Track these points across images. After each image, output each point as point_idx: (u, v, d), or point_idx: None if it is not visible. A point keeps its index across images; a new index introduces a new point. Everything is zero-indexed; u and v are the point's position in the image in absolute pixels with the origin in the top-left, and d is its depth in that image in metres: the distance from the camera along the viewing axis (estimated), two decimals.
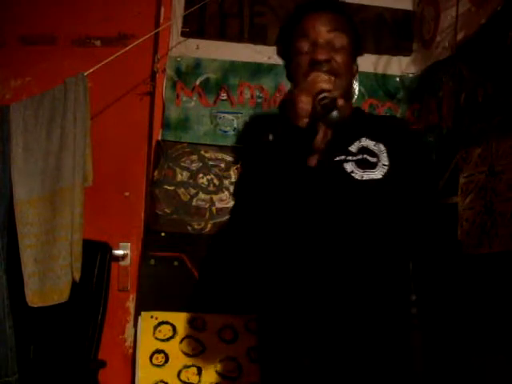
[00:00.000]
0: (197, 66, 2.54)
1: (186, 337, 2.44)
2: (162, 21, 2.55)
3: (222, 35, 2.58)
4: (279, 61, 2.54)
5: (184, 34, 2.55)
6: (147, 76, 2.63)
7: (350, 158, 1.59)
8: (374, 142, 1.63)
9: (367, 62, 2.59)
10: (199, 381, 2.42)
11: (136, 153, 2.62)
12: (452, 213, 2.07)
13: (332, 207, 1.55)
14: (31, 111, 2.32)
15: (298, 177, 1.49)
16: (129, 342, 2.58)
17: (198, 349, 2.44)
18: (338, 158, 1.59)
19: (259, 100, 2.56)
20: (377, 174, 1.58)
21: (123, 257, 2.58)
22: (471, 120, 2.01)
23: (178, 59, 2.53)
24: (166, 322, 2.45)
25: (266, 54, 2.57)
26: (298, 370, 1.56)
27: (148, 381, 2.43)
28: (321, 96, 1.43)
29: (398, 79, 2.59)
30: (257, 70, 2.56)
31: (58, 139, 2.28)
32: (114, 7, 2.65)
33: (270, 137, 1.58)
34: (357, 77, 1.73)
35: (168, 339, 2.45)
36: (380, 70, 2.60)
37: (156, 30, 2.50)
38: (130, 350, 2.55)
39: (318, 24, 1.62)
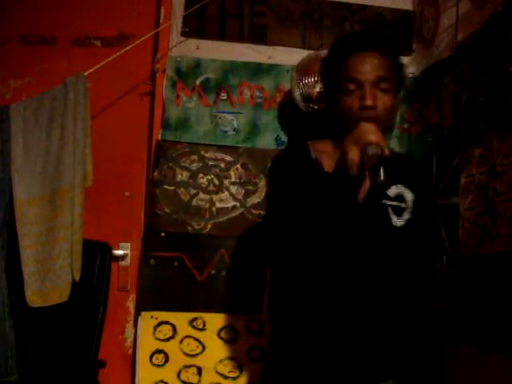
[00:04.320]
0: (197, 66, 2.54)
1: (186, 337, 2.44)
2: (161, 21, 2.55)
3: (222, 35, 2.58)
4: (279, 61, 2.57)
5: (184, 34, 2.55)
6: (147, 76, 2.63)
7: (389, 202, 1.64)
8: (404, 188, 1.68)
9: None
10: (199, 381, 2.43)
11: (136, 153, 2.62)
12: (452, 213, 2.08)
13: (369, 246, 1.60)
14: (31, 111, 2.32)
15: (346, 209, 1.52)
16: (129, 342, 2.58)
17: (198, 349, 2.44)
18: (383, 201, 1.64)
19: (259, 100, 2.56)
20: (402, 221, 1.64)
21: (123, 257, 2.58)
22: (472, 120, 2.01)
23: (178, 59, 2.53)
24: (166, 322, 2.45)
25: (266, 54, 2.57)
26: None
27: (148, 381, 2.43)
28: (369, 149, 1.44)
29: None
30: (257, 70, 2.56)
31: (58, 139, 2.28)
32: (113, 7, 2.65)
33: (313, 156, 1.63)
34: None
35: (168, 339, 2.45)
36: None
37: (156, 30, 2.50)
38: (130, 350, 2.56)
39: (368, 63, 1.57)
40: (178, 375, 2.43)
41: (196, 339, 2.44)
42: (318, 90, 2.30)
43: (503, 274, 1.77)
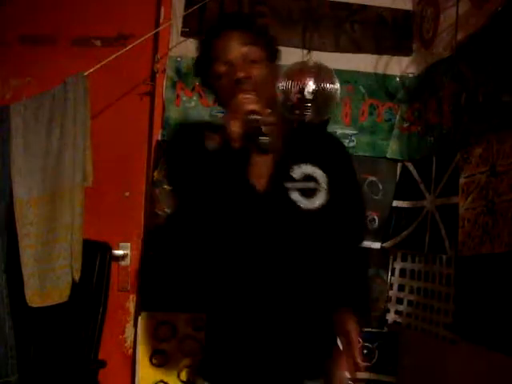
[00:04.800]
0: None
1: (186, 337, 2.44)
2: (161, 21, 2.55)
3: None
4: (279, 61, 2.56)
5: (184, 34, 2.55)
6: (147, 76, 2.63)
7: (293, 184, 1.61)
8: (312, 167, 1.65)
9: (367, 62, 2.59)
10: None
11: (136, 153, 2.61)
12: (452, 213, 2.08)
13: (276, 235, 1.59)
14: (31, 111, 2.32)
15: (246, 201, 1.55)
16: (129, 342, 2.58)
17: (198, 349, 2.44)
18: (286, 186, 1.60)
19: None
20: (317, 201, 1.61)
21: (123, 257, 2.58)
22: (472, 120, 2.01)
23: (178, 59, 2.52)
24: (166, 322, 2.45)
25: None
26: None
27: (148, 381, 2.43)
28: (250, 118, 1.45)
29: (398, 79, 2.59)
30: None
31: (58, 139, 2.29)
32: (114, 7, 2.65)
33: (211, 146, 1.57)
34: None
35: (168, 339, 2.45)
36: (380, 70, 2.60)
37: (156, 30, 2.49)
38: (130, 350, 2.56)
39: (229, 42, 1.60)
40: (178, 375, 2.44)
41: (196, 339, 2.44)
42: (297, 97, 2.32)
43: (504, 275, 1.78)
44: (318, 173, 1.64)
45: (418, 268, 2.38)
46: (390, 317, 2.52)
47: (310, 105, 2.36)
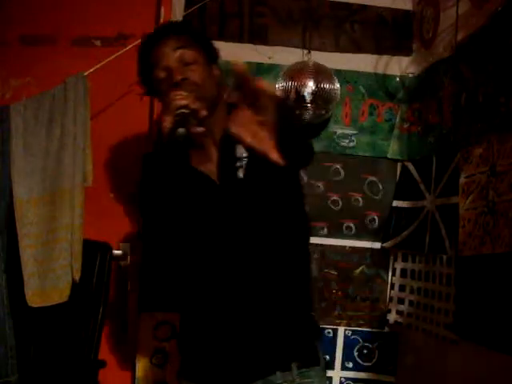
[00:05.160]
0: None
1: None
2: (161, 21, 2.54)
3: (222, 35, 2.58)
4: (279, 61, 2.57)
5: None
6: None
7: (239, 164, 1.66)
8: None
9: (367, 62, 2.60)
10: None
11: (136, 153, 2.61)
12: (453, 213, 2.08)
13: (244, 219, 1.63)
14: (31, 111, 2.32)
15: (206, 192, 1.62)
16: (129, 342, 2.57)
17: None
18: (236, 165, 1.66)
19: None
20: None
21: (123, 257, 2.57)
22: (472, 120, 2.01)
23: None
24: (166, 322, 2.45)
25: (266, 54, 2.57)
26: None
27: (148, 381, 2.43)
28: (178, 112, 1.52)
29: (398, 79, 2.60)
30: (257, 70, 2.56)
31: (58, 139, 2.28)
32: (113, 7, 2.64)
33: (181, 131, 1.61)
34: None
35: (168, 339, 2.45)
36: (380, 70, 2.60)
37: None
38: (130, 350, 2.55)
39: (164, 48, 1.67)
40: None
41: None
42: (296, 97, 2.34)
43: (505, 275, 1.78)
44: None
45: (418, 268, 2.38)
46: (392, 317, 2.52)
47: (309, 105, 2.38)
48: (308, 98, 2.37)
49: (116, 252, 2.54)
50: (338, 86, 2.44)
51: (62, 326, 2.33)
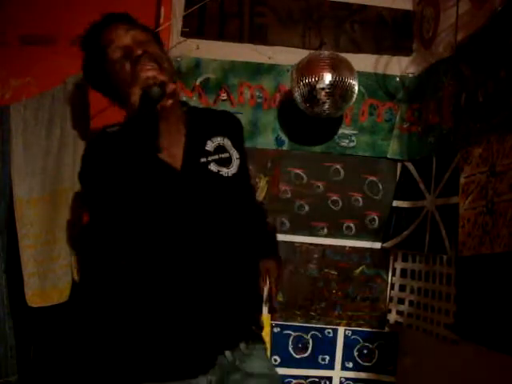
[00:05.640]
0: (197, 66, 2.54)
1: None
2: (161, 21, 2.54)
3: (222, 35, 2.58)
4: (279, 61, 2.57)
5: (184, 34, 2.55)
6: None
7: (210, 158, 1.66)
8: (221, 138, 1.72)
9: (367, 62, 2.59)
10: None
11: None
12: (453, 213, 2.08)
13: (207, 207, 1.62)
14: (31, 111, 2.33)
15: (165, 180, 1.57)
16: None
17: None
18: (201, 160, 1.65)
19: (259, 100, 2.56)
20: (234, 168, 1.69)
21: None
22: (472, 120, 2.00)
23: (178, 59, 2.52)
24: None
25: (266, 54, 2.57)
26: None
27: None
28: (148, 82, 1.47)
29: (398, 79, 2.59)
30: (257, 70, 2.56)
31: (58, 139, 2.29)
32: (114, 7, 2.63)
33: (108, 129, 1.62)
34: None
35: None
36: (380, 70, 2.60)
37: (156, 30, 2.49)
38: None
39: (117, 30, 1.66)
40: None
41: None
42: (320, 87, 2.31)
43: (504, 275, 1.77)
44: (227, 143, 1.72)
45: (418, 268, 2.38)
46: (392, 317, 2.52)
47: (327, 98, 2.35)
48: (327, 90, 2.33)
49: None
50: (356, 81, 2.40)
51: (62, 326, 2.33)
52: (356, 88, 2.38)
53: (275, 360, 2.48)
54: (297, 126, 2.56)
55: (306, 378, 2.52)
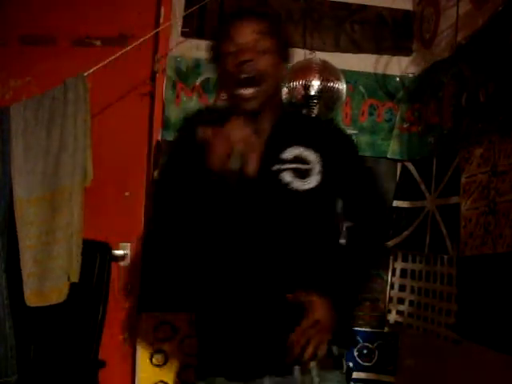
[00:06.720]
0: (197, 66, 2.54)
1: (186, 337, 2.44)
2: (162, 21, 2.55)
3: None
4: None
5: (184, 34, 2.55)
6: (147, 76, 2.62)
7: (285, 166, 1.63)
8: (305, 149, 1.67)
9: (367, 62, 2.60)
10: None
11: (136, 153, 2.61)
12: (453, 213, 2.08)
13: (270, 218, 1.61)
14: (31, 111, 2.32)
15: (237, 186, 1.55)
16: (129, 342, 2.57)
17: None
18: (275, 168, 1.63)
19: None
20: (311, 182, 1.63)
21: (123, 257, 2.58)
22: (473, 120, 2.01)
23: (178, 59, 2.52)
24: (166, 322, 2.45)
25: None
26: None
27: (148, 381, 2.43)
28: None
29: (398, 79, 2.60)
30: None
31: (58, 139, 2.28)
32: (114, 7, 2.64)
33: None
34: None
35: (168, 339, 2.44)
36: (380, 70, 2.60)
37: (156, 30, 2.49)
38: (130, 350, 2.55)
39: (242, 27, 1.65)
40: (178, 375, 2.43)
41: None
42: (303, 94, 2.32)
43: (506, 275, 1.78)
44: (310, 155, 1.66)
45: (419, 268, 2.38)
46: (392, 317, 2.52)
47: (315, 101, 2.36)
48: (314, 94, 2.34)
49: (116, 252, 2.54)
50: (345, 83, 2.41)
51: (62, 326, 2.33)
52: (344, 93, 2.39)
53: None
54: None
55: None
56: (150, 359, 2.44)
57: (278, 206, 1.61)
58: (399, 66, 2.60)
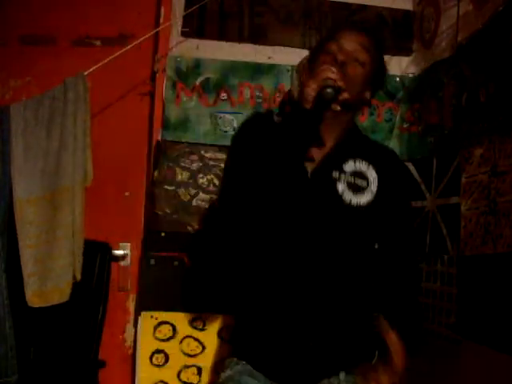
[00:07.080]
0: (197, 66, 2.54)
1: (186, 337, 2.44)
2: (162, 21, 2.54)
3: (222, 35, 2.57)
4: (279, 61, 2.56)
5: (184, 34, 2.54)
6: (147, 76, 2.63)
7: (343, 176, 1.66)
8: (367, 166, 1.71)
9: None
10: (199, 381, 2.42)
11: (136, 153, 2.61)
12: (454, 213, 2.08)
13: (316, 222, 1.63)
14: (31, 111, 2.32)
15: (294, 183, 1.60)
16: (129, 342, 2.58)
17: (198, 349, 2.43)
18: (333, 176, 1.66)
19: (259, 100, 2.56)
20: (364, 199, 1.66)
21: (123, 257, 2.58)
22: (473, 120, 2.01)
23: (178, 59, 2.52)
24: (166, 322, 2.45)
25: (266, 54, 2.57)
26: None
27: (148, 381, 2.43)
28: (324, 83, 1.55)
29: (398, 79, 2.59)
30: (257, 70, 2.56)
31: (58, 139, 2.28)
32: (114, 7, 2.64)
33: (276, 118, 1.70)
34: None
35: (168, 339, 2.44)
36: None
37: (156, 30, 2.49)
38: (130, 350, 2.55)
39: (350, 36, 1.72)
40: (178, 375, 2.43)
41: (196, 339, 2.44)
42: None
43: (507, 275, 1.78)
44: (371, 173, 1.70)
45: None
46: None
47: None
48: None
49: (116, 252, 2.54)
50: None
51: (62, 326, 2.33)
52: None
53: None
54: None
55: None
56: (150, 359, 2.44)
57: (326, 213, 1.64)
58: (399, 66, 2.59)
